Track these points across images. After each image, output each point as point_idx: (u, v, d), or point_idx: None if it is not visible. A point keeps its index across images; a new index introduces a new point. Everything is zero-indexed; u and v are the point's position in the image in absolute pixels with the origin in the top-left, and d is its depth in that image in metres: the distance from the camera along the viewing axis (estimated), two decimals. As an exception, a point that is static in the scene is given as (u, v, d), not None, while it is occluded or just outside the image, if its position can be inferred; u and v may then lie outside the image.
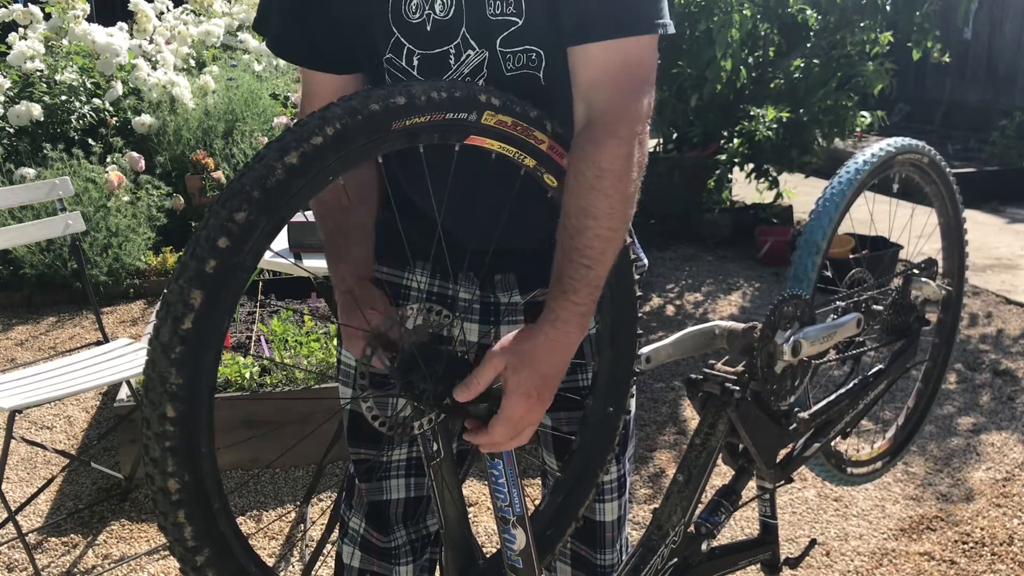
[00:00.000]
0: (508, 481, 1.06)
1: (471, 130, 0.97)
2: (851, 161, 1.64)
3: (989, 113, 8.34)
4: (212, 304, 0.80)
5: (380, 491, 1.42)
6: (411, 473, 1.42)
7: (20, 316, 4.45)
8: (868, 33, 5.21)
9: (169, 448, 0.81)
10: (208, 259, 0.80)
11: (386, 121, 0.90)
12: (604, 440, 1.22)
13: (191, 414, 0.82)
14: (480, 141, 0.99)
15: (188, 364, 0.80)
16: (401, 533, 1.44)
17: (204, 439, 0.85)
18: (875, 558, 2.48)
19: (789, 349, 1.37)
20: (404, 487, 1.42)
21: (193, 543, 0.84)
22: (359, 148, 0.88)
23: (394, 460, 1.41)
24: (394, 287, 1.34)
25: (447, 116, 0.94)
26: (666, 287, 4.88)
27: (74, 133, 5.25)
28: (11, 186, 3.57)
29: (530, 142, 1.02)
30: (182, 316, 0.79)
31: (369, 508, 1.44)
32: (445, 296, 1.32)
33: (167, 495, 0.82)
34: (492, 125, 0.98)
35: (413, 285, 1.34)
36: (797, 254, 1.59)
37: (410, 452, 1.41)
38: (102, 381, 2.49)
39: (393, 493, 1.42)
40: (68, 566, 2.47)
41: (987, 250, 5.47)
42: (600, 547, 1.41)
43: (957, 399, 3.46)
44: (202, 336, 0.80)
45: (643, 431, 3.22)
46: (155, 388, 0.80)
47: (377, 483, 1.42)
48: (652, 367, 1.32)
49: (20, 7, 5.87)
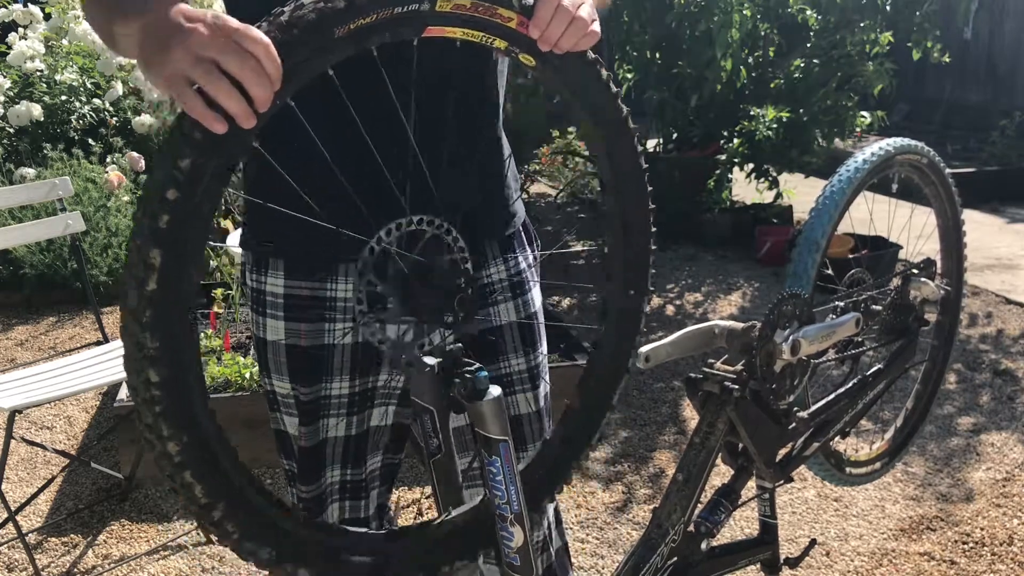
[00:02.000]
0: (506, 479, 1.05)
1: (426, 21, 0.89)
2: (850, 161, 1.64)
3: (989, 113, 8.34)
4: (174, 260, 0.77)
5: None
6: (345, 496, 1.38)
7: (20, 316, 4.46)
8: (868, 33, 5.21)
9: (160, 413, 0.80)
10: (160, 214, 0.77)
11: (326, 29, 0.82)
12: (629, 327, 1.21)
13: (176, 377, 0.80)
14: (439, 31, 0.91)
15: (160, 326, 0.77)
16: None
17: (197, 399, 0.82)
18: (875, 558, 2.48)
19: (788, 348, 1.37)
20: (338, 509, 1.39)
21: (206, 500, 0.82)
22: (301, 65, 0.82)
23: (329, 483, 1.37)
24: (315, 302, 1.28)
25: (395, 11, 0.86)
26: (666, 287, 4.88)
27: (74, 133, 5.25)
28: (11, 186, 3.57)
29: (495, 21, 0.94)
30: (145, 278, 0.77)
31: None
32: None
33: (169, 458, 0.81)
34: (449, 11, 0.89)
35: (339, 295, 1.28)
36: (796, 253, 1.59)
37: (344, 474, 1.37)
38: (102, 381, 2.49)
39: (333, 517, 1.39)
40: (68, 566, 2.47)
41: (987, 250, 5.47)
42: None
43: (957, 399, 3.46)
44: (170, 295, 0.77)
45: (643, 431, 3.22)
46: (133, 355, 0.78)
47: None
48: (652, 366, 1.32)
49: (20, 7, 5.86)
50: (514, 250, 1.37)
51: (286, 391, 1.32)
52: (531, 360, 1.38)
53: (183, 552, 2.53)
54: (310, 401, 1.31)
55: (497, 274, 1.35)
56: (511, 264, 1.36)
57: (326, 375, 1.30)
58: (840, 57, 5.32)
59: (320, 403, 1.32)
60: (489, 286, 1.34)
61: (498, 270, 1.35)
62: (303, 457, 1.34)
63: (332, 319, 1.28)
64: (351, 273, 1.26)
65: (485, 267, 1.33)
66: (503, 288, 1.35)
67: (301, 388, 1.31)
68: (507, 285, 1.35)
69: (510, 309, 1.36)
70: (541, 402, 1.41)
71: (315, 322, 1.28)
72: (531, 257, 1.40)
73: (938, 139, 8.09)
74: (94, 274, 4.54)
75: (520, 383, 1.38)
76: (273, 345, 1.31)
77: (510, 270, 1.36)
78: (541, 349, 1.41)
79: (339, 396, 1.32)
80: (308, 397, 1.31)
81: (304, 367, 1.30)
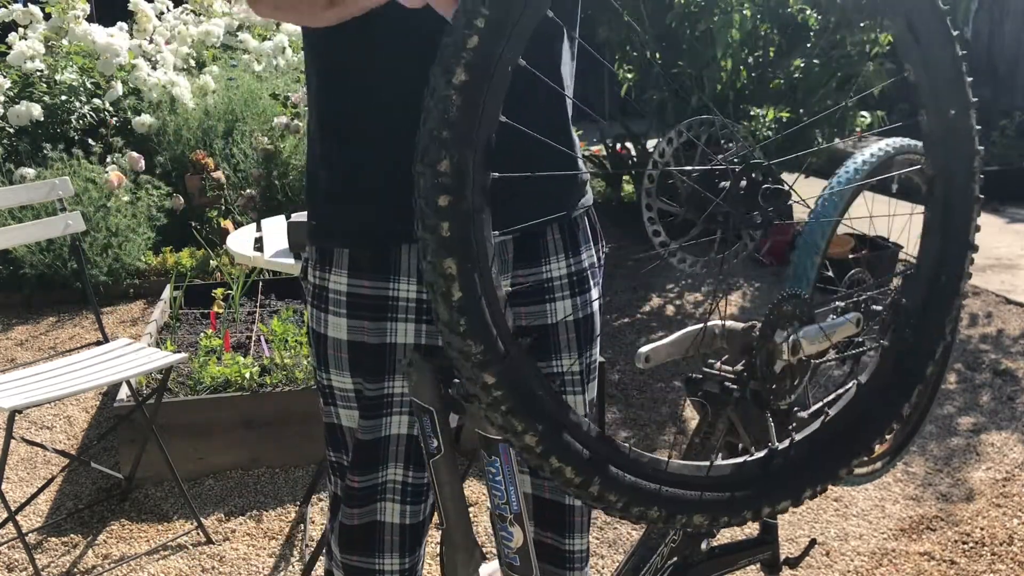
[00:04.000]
0: (505, 479, 1.05)
1: None
2: (850, 161, 1.64)
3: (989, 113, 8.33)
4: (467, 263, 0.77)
5: (373, 513, 1.34)
6: (407, 499, 1.34)
7: (20, 316, 4.46)
8: (868, 33, 5.21)
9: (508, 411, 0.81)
10: (439, 223, 0.76)
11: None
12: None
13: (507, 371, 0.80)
14: None
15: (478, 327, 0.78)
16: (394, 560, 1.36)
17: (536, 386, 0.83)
18: (875, 558, 2.48)
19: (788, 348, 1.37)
20: (399, 512, 1.35)
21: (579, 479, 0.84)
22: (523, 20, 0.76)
23: (388, 481, 1.33)
24: (378, 301, 1.27)
25: None
26: (666, 287, 4.88)
27: (74, 133, 5.26)
28: (11, 186, 3.57)
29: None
30: (448, 290, 0.77)
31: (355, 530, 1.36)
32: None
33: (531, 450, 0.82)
34: None
35: (402, 295, 1.27)
36: (796, 254, 1.59)
37: (406, 475, 1.33)
38: (102, 381, 2.49)
39: (387, 516, 1.35)
40: (68, 566, 2.47)
41: (987, 250, 5.46)
42: (569, 532, 1.38)
43: (957, 399, 3.46)
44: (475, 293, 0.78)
45: (643, 431, 3.22)
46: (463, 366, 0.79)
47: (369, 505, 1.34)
48: (652, 366, 1.32)
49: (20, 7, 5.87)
50: (578, 242, 1.35)
51: (347, 386, 1.31)
52: (584, 361, 1.37)
53: (183, 552, 2.53)
54: (375, 396, 1.30)
55: (558, 269, 1.33)
56: (572, 260, 1.34)
57: (389, 373, 1.29)
58: (840, 57, 5.32)
59: (384, 400, 1.30)
60: (548, 281, 1.32)
61: (559, 265, 1.33)
62: (360, 449, 1.32)
63: (395, 319, 1.27)
64: (413, 265, 1.25)
65: (546, 261, 1.32)
66: (562, 285, 1.33)
67: (367, 384, 1.30)
68: (567, 283, 1.34)
69: (567, 307, 1.34)
70: (586, 406, 1.39)
71: (378, 321, 1.27)
72: (596, 255, 1.38)
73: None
74: (94, 274, 4.54)
75: (571, 384, 1.37)
76: (334, 341, 1.30)
77: (571, 266, 1.34)
78: (595, 350, 1.39)
79: (402, 394, 1.30)
80: (374, 392, 1.30)
81: (369, 363, 1.29)
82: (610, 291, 4.78)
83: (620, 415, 3.34)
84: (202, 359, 3.10)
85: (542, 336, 1.33)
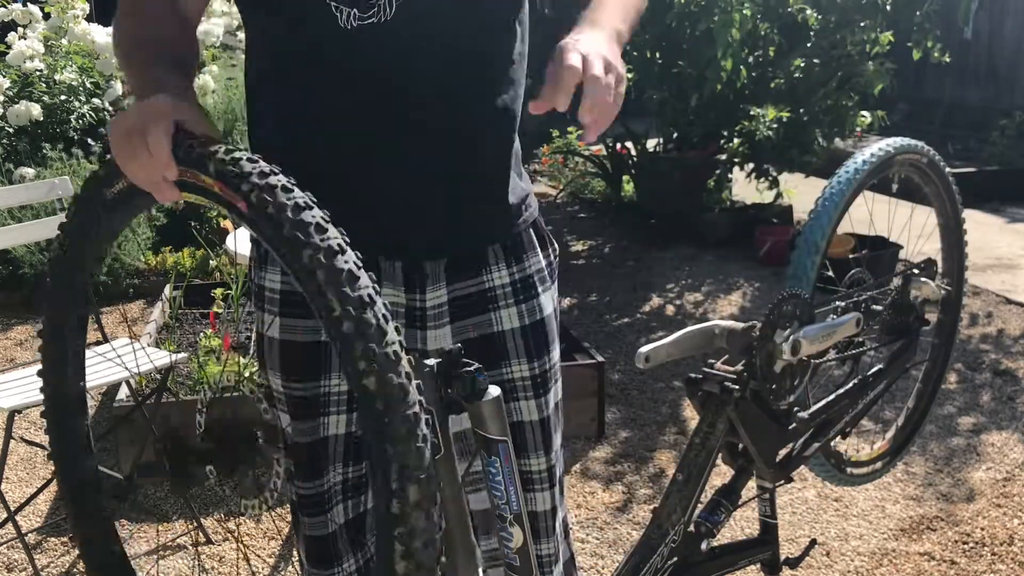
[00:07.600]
0: (505, 479, 1.05)
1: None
2: (850, 161, 1.64)
3: (989, 113, 8.34)
4: None
5: (324, 525, 1.37)
6: (347, 495, 1.37)
7: (20, 316, 4.45)
8: (868, 33, 5.20)
9: None
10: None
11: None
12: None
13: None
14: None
15: None
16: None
17: None
18: (875, 558, 2.48)
19: (788, 348, 1.37)
20: (343, 511, 1.38)
21: None
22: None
23: (337, 483, 1.36)
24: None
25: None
26: (666, 287, 4.88)
27: (74, 133, 5.25)
28: (11, 186, 3.58)
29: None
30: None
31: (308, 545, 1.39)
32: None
33: None
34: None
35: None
36: (796, 254, 1.59)
37: (346, 471, 1.36)
38: (102, 381, 2.49)
39: (340, 518, 1.37)
40: (68, 566, 2.47)
41: (987, 250, 5.46)
42: (535, 536, 1.37)
43: (957, 399, 3.46)
44: None
45: (643, 431, 3.22)
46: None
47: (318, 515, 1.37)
48: (652, 366, 1.32)
49: (20, 7, 5.86)
50: (522, 250, 1.35)
51: (278, 387, 1.32)
52: (536, 367, 1.35)
53: (183, 552, 2.53)
54: (305, 397, 1.31)
55: (500, 279, 1.33)
56: (515, 268, 1.34)
57: (325, 372, 1.30)
58: (840, 57, 5.32)
59: (320, 399, 1.31)
60: (491, 291, 1.32)
61: (500, 275, 1.33)
62: (300, 453, 1.33)
63: None
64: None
65: (486, 271, 1.32)
66: (505, 293, 1.33)
67: (294, 384, 1.30)
68: (510, 291, 1.33)
69: (512, 315, 1.33)
70: (547, 410, 1.37)
71: (311, 317, 1.27)
72: (543, 260, 1.38)
73: (939, 139, 8.09)
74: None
75: (523, 390, 1.35)
76: (269, 340, 1.31)
77: (514, 273, 1.33)
78: (550, 356, 1.37)
79: (339, 393, 1.31)
80: (304, 393, 1.31)
81: (300, 363, 1.30)
82: (610, 291, 4.78)
83: (620, 415, 3.33)
84: (202, 359, 3.10)
85: (489, 345, 1.32)
